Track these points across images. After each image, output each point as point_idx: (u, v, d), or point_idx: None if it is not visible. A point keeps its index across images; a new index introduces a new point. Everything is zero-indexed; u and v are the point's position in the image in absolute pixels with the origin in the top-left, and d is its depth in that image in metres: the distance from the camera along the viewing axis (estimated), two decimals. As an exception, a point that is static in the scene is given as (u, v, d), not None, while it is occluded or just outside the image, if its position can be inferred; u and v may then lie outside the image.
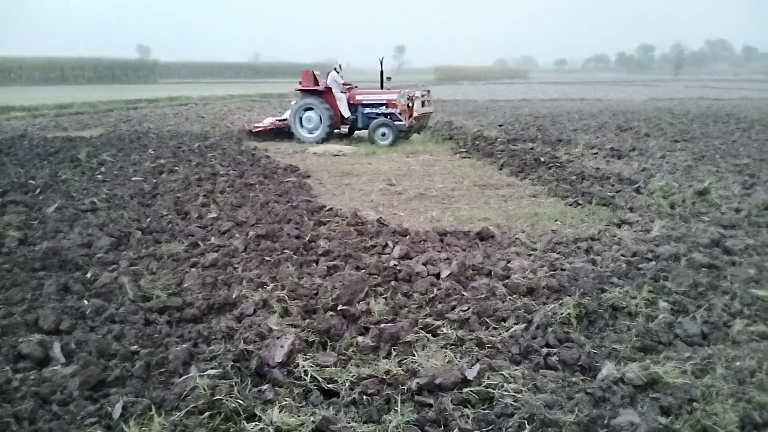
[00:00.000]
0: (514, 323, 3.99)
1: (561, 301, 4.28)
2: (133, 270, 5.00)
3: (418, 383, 3.16)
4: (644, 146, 13.26)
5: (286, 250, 5.51)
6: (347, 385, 3.23)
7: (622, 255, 5.45)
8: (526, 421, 2.82)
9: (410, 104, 14.17)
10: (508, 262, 5.30)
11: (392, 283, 4.73)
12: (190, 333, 3.87)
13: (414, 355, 3.56)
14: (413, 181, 9.67)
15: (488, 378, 3.22)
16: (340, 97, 14.54)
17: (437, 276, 4.92)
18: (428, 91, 15.24)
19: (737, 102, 30.43)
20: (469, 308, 4.21)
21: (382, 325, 3.87)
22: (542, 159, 11.19)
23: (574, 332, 3.90)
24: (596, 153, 12.34)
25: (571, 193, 8.31)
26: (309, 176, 9.99)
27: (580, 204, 7.68)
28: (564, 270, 5.02)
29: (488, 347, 3.67)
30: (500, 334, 3.87)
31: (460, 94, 39.49)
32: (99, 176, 9.47)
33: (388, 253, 5.53)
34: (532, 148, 12.88)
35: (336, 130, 14.81)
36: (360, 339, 3.76)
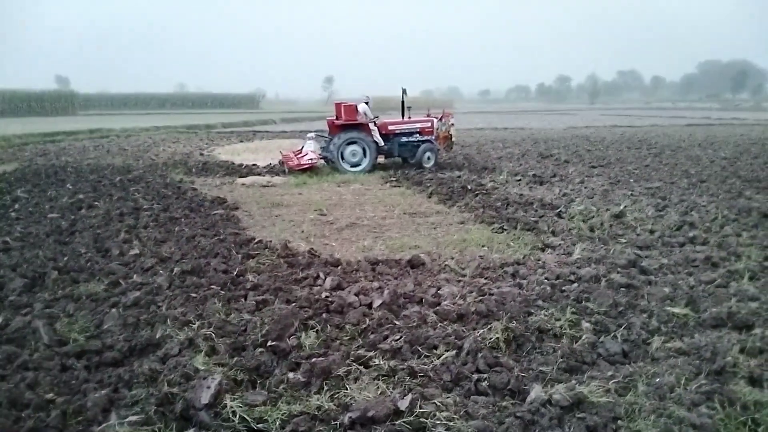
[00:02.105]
0: (445, 350, 4.03)
1: (490, 326, 4.36)
2: (48, 312, 4.74)
3: (350, 417, 3.12)
4: (564, 172, 13.86)
5: (213, 286, 5.35)
6: (278, 423, 3.14)
7: (546, 278, 5.63)
8: (458, 450, 2.83)
9: (449, 131, 15.69)
10: (439, 289, 5.36)
11: (324, 315, 4.68)
12: (110, 377, 3.68)
13: (346, 389, 3.52)
14: (344, 211, 9.67)
15: (420, 407, 3.23)
16: (373, 128, 14.85)
17: (369, 306, 4.92)
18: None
19: (648, 129, 32.44)
20: (401, 337, 4.22)
21: (314, 360, 3.81)
22: (469, 187, 11.48)
23: (503, 356, 3.97)
24: (519, 180, 12.79)
25: (497, 219, 8.54)
26: (237, 208, 9.80)
27: (505, 230, 7.90)
28: (492, 295, 5.12)
29: (420, 376, 3.69)
30: (432, 362, 3.89)
31: (389, 123, 40.00)
32: (12, 213, 8.94)
33: (320, 285, 5.49)
34: (459, 176, 13.20)
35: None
36: (291, 375, 3.68)
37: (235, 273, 5.77)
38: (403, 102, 15.74)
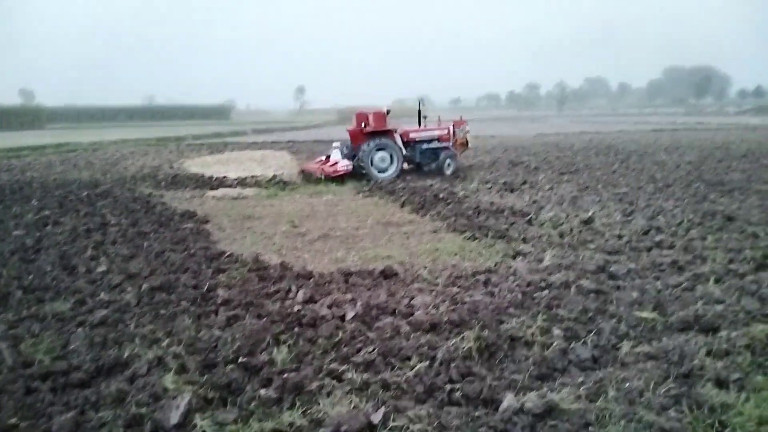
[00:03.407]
0: (419, 361, 4.03)
1: (462, 335, 4.37)
2: (12, 333, 4.64)
3: (322, 433, 3.09)
4: (534, 179, 14.04)
5: (182, 302, 5.28)
6: (249, 441, 3.10)
7: (517, 285, 5.67)
8: (431, 462, 2.82)
9: (466, 137, 16.76)
10: (412, 299, 5.36)
11: (296, 329, 4.65)
12: (77, 399, 3.59)
13: (319, 404, 3.49)
14: (317, 222, 9.63)
15: (394, 420, 3.22)
16: (395, 136, 15.47)
17: (342, 318, 4.89)
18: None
19: (615, 135, 33.08)
20: (374, 349, 4.21)
21: (286, 375, 3.77)
22: (441, 195, 11.55)
23: (475, 366, 3.99)
24: (490, 187, 12.92)
25: (468, 227, 8.59)
26: (207, 221, 9.68)
27: (477, 238, 7.95)
28: (464, 303, 5.15)
29: (394, 388, 3.67)
30: (405, 373, 3.88)
31: (361, 133, 40.02)
32: (-26, 232, 8.70)
33: (292, 298, 5.45)
34: (431, 185, 13.27)
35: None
36: (262, 391, 3.63)
37: (205, 288, 5.69)
38: (419, 111, 16.42)
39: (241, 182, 14.63)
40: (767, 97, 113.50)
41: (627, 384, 3.67)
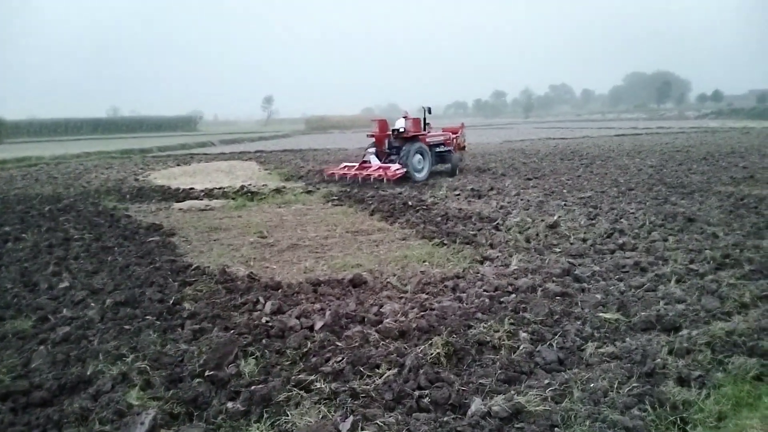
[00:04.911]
0: (387, 369, 4.04)
1: (431, 341, 4.40)
2: (-30, 353, 4.48)
3: (291, 444, 3.07)
4: (501, 185, 14.21)
5: (147, 317, 5.20)
6: (216, 456, 3.06)
7: (485, 291, 5.73)
8: (400, 469, 2.83)
9: (464, 142, 18.85)
10: (381, 307, 5.38)
11: (264, 340, 4.62)
12: (38, 419, 3.51)
13: (287, 415, 3.47)
14: (286, 232, 9.57)
15: (362, 429, 3.22)
16: None
17: (311, 329, 4.88)
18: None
19: (580, 140, 33.68)
20: (343, 358, 4.21)
21: (253, 387, 3.74)
22: (410, 203, 11.62)
23: (444, 371, 4.02)
24: (458, 194, 13.03)
25: (437, 234, 8.66)
26: (174, 234, 9.53)
27: (445, 244, 8.02)
28: (433, 310, 5.19)
29: (362, 397, 3.68)
30: (374, 381, 3.89)
31: (331, 142, 40.05)
32: (-70, 250, 8.42)
33: (260, 310, 5.42)
34: (400, 193, 13.33)
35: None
36: (230, 404, 3.60)
37: (171, 302, 5.62)
38: (425, 118, 17.34)
39: (209, 194, 14.47)
40: (725, 101, 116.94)
41: (592, 384, 3.75)
